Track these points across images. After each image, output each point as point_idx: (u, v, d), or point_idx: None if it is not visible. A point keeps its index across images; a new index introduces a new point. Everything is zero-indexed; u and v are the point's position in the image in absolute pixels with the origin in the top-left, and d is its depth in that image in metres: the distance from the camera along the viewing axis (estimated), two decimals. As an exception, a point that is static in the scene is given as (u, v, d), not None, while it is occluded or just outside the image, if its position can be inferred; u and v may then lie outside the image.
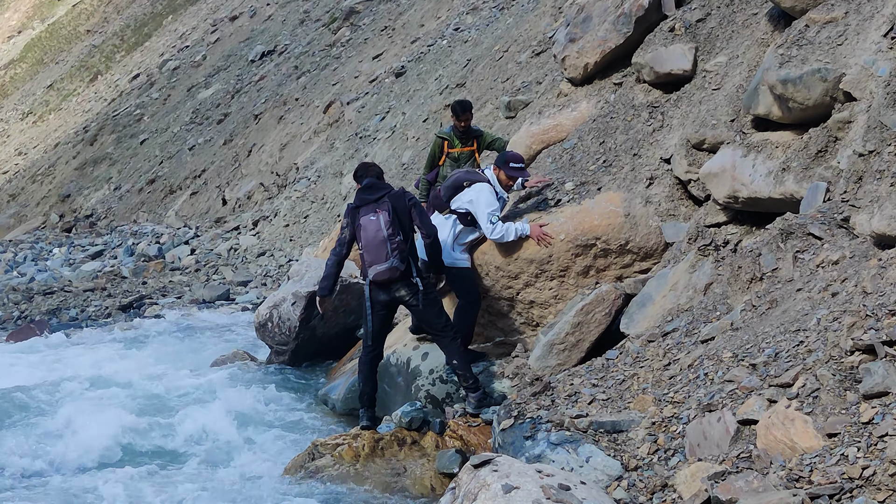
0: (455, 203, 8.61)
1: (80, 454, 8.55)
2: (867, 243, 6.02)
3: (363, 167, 8.34)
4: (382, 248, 7.87)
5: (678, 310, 7.36)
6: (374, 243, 7.90)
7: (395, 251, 7.84)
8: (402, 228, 7.92)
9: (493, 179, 8.62)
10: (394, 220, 7.88)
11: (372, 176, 8.17)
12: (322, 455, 7.74)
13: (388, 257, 7.83)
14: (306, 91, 28.67)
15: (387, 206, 7.93)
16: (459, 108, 10.24)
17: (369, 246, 7.93)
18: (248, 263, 20.18)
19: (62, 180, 35.97)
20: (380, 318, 8.25)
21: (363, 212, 7.99)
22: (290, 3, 38.41)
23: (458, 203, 8.58)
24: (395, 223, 7.88)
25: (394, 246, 7.83)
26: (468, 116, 10.26)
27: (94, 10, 61.85)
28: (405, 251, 7.92)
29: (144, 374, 11.14)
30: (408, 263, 7.95)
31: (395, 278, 7.92)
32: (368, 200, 8.01)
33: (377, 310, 8.18)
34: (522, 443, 6.26)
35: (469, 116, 10.28)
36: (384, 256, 7.85)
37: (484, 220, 8.40)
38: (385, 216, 7.88)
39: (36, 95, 52.88)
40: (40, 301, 17.60)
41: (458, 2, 25.11)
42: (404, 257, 7.91)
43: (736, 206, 7.71)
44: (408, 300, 8.02)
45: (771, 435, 4.96)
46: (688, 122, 8.82)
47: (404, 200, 8.05)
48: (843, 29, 7.11)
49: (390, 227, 7.85)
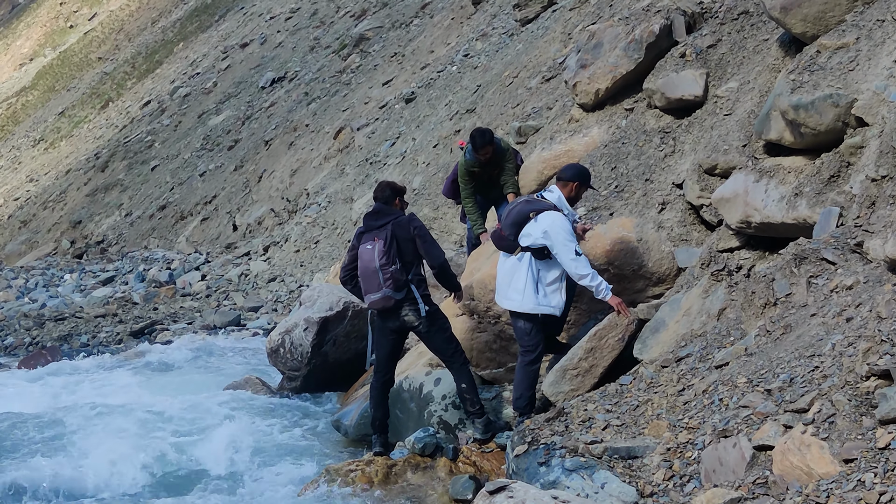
0: (526, 240, 7.69)
1: (91, 481, 8.53)
2: (881, 268, 6.01)
3: (378, 188, 8.31)
4: (375, 278, 7.89)
5: (692, 335, 7.35)
6: (368, 272, 7.94)
7: (389, 280, 7.83)
8: (401, 256, 7.91)
9: (558, 202, 7.86)
10: (389, 249, 7.86)
11: (381, 199, 8.17)
12: (335, 481, 7.72)
13: (380, 287, 7.86)
14: (317, 117, 28.80)
15: (386, 233, 7.91)
16: (478, 141, 9.68)
17: (363, 274, 7.99)
18: (259, 289, 20.20)
19: (73, 207, 36.14)
20: (390, 342, 8.27)
21: (364, 238, 8.04)
22: (300, 31, 38.66)
23: (530, 240, 7.67)
24: (392, 252, 7.86)
25: (387, 276, 7.83)
26: (487, 151, 9.73)
27: (105, 38, 62.34)
28: (401, 280, 7.90)
29: (155, 401, 11.13)
30: (408, 291, 7.94)
31: (389, 308, 7.92)
32: (372, 227, 8.04)
33: (386, 334, 8.20)
34: (537, 469, 6.24)
35: (488, 150, 9.74)
36: (376, 286, 7.88)
37: (568, 253, 7.52)
38: (380, 245, 7.87)
39: (47, 122, 53.23)
40: (52, 327, 17.64)
41: (468, 28, 25.23)
42: (401, 286, 7.89)
43: (749, 231, 7.71)
44: (416, 326, 8.04)
45: (787, 461, 4.94)
46: (699, 148, 8.84)
47: (408, 229, 8.00)
48: (854, 54, 7.13)
49: (384, 257, 7.84)
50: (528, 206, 7.77)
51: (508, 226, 7.82)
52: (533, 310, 7.71)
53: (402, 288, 7.92)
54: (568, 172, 8.04)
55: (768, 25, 9.03)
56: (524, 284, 7.69)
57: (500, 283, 7.97)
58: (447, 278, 8.26)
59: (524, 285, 7.69)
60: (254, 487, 8.24)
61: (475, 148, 9.73)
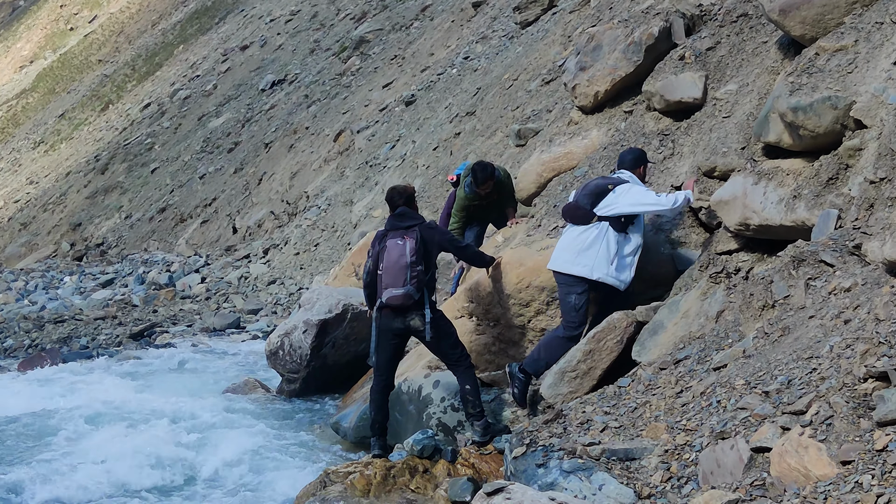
0: (605, 210, 7.98)
1: (89, 483, 8.53)
2: (879, 270, 6.01)
3: (396, 193, 8.37)
4: (402, 274, 7.93)
5: (690, 337, 7.35)
6: (396, 268, 7.96)
7: (414, 279, 7.90)
8: (426, 259, 7.99)
9: (632, 179, 8.17)
10: (419, 250, 7.95)
11: (403, 203, 8.26)
12: (333, 483, 7.71)
13: (405, 283, 7.90)
14: (316, 120, 28.82)
15: (416, 234, 8.01)
16: (480, 176, 9.76)
17: (390, 269, 7.99)
18: (259, 292, 20.21)
19: (73, 209, 36.16)
20: (392, 346, 8.28)
21: (391, 236, 8.10)
22: (300, 33, 38.69)
23: (609, 209, 7.96)
24: (421, 252, 7.95)
25: (413, 274, 7.89)
26: (488, 185, 9.82)
27: (105, 41, 62.38)
28: (423, 282, 7.97)
29: (154, 403, 11.14)
30: (423, 294, 7.98)
31: (408, 305, 7.95)
32: (398, 227, 8.11)
33: (389, 338, 8.21)
34: (535, 471, 6.24)
35: (489, 185, 9.83)
36: (402, 282, 7.91)
37: (652, 197, 7.94)
38: (412, 243, 7.96)
39: (48, 125, 53.25)
40: (51, 329, 17.63)
41: (468, 31, 25.25)
42: (420, 287, 7.95)
43: (747, 233, 7.71)
44: (421, 331, 8.04)
45: (785, 462, 4.94)
46: (698, 150, 8.84)
47: (436, 233, 8.17)
48: (853, 57, 7.13)
49: (414, 255, 7.92)
50: (605, 181, 8.10)
51: (585, 196, 8.09)
52: (602, 278, 7.93)
53: (420, 290, 7.96)
54: (629, 158, 8.37)
55: (767, 28, 9.02)
56: (597, 252, 7.92)
57: (566, 250, 8.10)
58: (482, 262, 8.76)
59: (597, 253, 7.92)
60: (252, 490, 8.25)
61: (476, 183, 9.79)
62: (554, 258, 8.24)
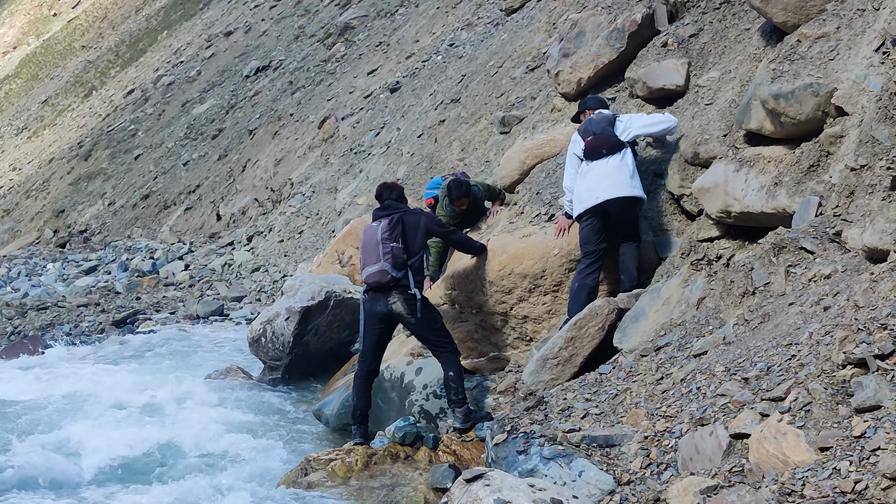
0: (625, 136, 8.50)
1: (69, 470, 8.50)
2: (859, 257, 6.02)
3: (385, 188, 8.54)
4: (374, 250, 8.06)
5: (671, 324, 7.36)
6: (368, 246, 8.13)
7: (388, 255, 7.96)
8: (405, 240, 8.01)
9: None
10: (394, 229, 8.05)
11: (392, 197, 8.35)
12: (315, 470, 7.71)
13: (378, 259, 7.97)
14: (301, 106, 28.71)
15: (393, 217, 8.12)
16: (454, 193, 9.77)
17: (364, 248, 8.19)
18: (243, 279, 20.15)
19: (56, 196, 35.97)
20: (377, 332, 8.28)
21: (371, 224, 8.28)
22: (284, 19, 38.51)
23: (628, 134, 8.51)
24: (396, 232, 8.04)
25: (386, 250, 7.96)
26: (462, 203, 9.83)
27: (89, 26, 62.00)
28: (401, 260, 8.00)
29: (137, 390, 11.10)
30: (405, 275, 7.99)
31: (385, 283, 7.97)
32: (380, 216, 8.25)
33: (374, 323, 8.22)
34: (515, 457, 6.24)
35: (464, 202, 9.84)
36: (375, 258, 8.02)
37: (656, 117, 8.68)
38: (385, 223, 8.08)
39: (31, 111, 52.95)
40: (34, 317, 17.55)
41: (453, 18, 25.18)
42: (400, 265, 7.97)
43: (728, 220, 7.72)
44: (405, 316, 8.05)
45: (763, 449, 4.95)
46: (680, 137, 8.84)
47: (421, 217, 8.25)
48: (834, 44, 7.13)
49: (387, 232, 8.03)
50: (606, 115, 8.60)
51: (602, 130, 8.47)
52: (641, 195, 8.38)
53: (400, 269, 7.98)
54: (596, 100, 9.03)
55: (750, 15, 9.02)
56: (631, 174, 8.34)
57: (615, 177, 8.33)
58: (470, 247, 8.74)
59: (631, 175, 8.35)
60: (233, 477, 8.22)
61: (451, 199, 9.79)
62: (606, 188, 8.32)
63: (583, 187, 8.39)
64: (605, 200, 8.25)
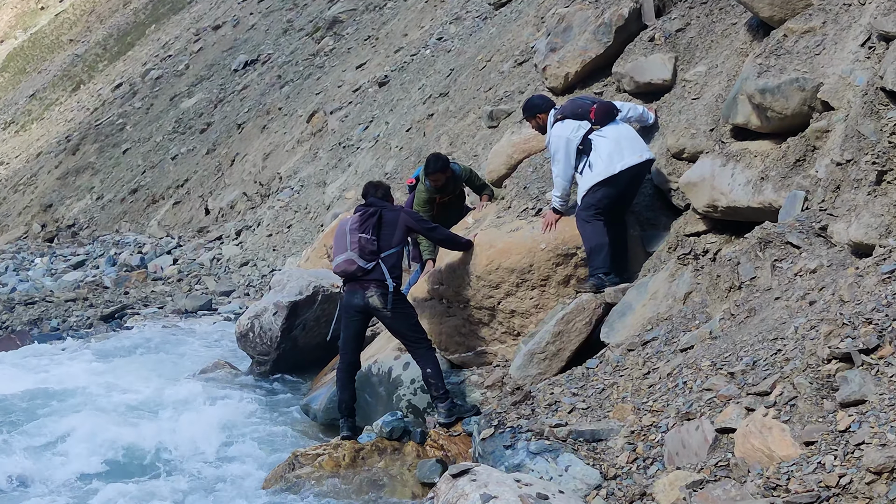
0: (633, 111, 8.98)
1: (57, 466, 8.50)
2: (844, 252, 6.04)
3: (371, 186, 8.58)
4: (343, 240, 8.15)
5: (658, 319, 7.37)
6: (339, 237, 8.22)
7: (355, 245, 8.01)
8: (378, 232, 8.04)
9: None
10: (366, 221, 8.10)
11: (377, 196, 8.42)
12: (302, 465, 7.71)
13: (345, 249, 8.03)
14: (289, 100, 28.66)
15: (369, 211, 8.16)
16: (431, 167, 9.64)
17: (336, 241, 8.28)
18: (231, 273, 20.11)
19: (44, 190, 35.85)
20: (353, 324, 8.29)
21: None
22: (273, 13, 38.42)
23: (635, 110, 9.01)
24: (368, 224, 8.08)
25: (354, 239, 8.05)
26: (437, 177, 9.66)
27: (76, 20, 61.78)
28: (368, 251, 8.03)
29: (125, 385, 11.08)
30: (375, 266, 8.00)
31: (352, 272, 8.05)
32: (358, 211, 8.29)
33: (350, 315, 8.24)
34: (502, 452, 6.26)
35: (439, 178, 9.66)
36: (343, 247, 8.09)
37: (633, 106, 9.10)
38: (357, 216, 8.16)
39: (18, 105, 52.75)
40: (21, 311, 17.47)
41: (442, 12, 25.14)
42: (367, 255, 7.99)
43: (715, 215, 7.73)
44: (380, 310, 8.05)
45: (749, 443, 4.96)
46: (667, 132, 8.84)
47: (400, 213, 8.27)
48: (820, 39, 7.14)
49: (357, 223, 8.10)
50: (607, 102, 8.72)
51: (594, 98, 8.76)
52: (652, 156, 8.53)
53: (370, 260, 7.98)
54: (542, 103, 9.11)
55: (737, 9, 9.03)
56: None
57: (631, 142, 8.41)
58: (456, 244, 8.71)
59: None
60: (221, 472, 8.23)
61: (427, 172, 9.65)
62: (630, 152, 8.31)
63: (604, 152, 8.28)
64: (633, 165, 8.30)
